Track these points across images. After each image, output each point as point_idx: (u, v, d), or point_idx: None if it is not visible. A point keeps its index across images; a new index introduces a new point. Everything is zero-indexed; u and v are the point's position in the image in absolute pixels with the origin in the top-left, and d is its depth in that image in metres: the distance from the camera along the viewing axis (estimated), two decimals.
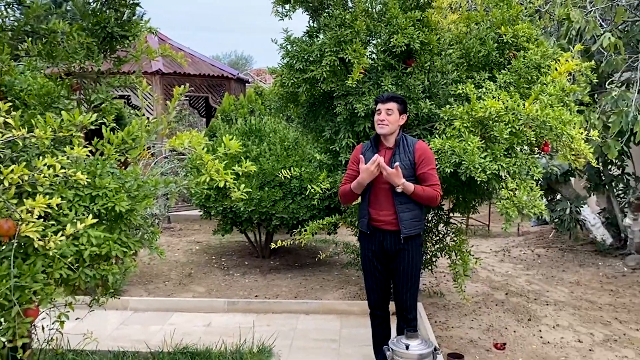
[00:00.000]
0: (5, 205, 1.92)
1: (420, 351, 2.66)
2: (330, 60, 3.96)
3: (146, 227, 2.48)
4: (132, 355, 3.67)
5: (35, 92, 2.31)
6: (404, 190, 3.25)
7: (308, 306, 4.89)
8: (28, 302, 2.01)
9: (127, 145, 2.30)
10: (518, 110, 3.55)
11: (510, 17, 4.24)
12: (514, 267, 6.86)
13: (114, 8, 2.29)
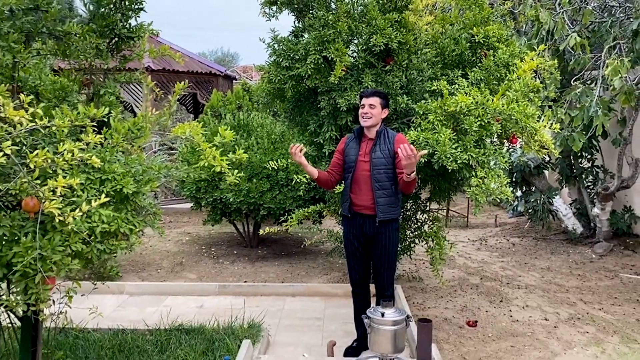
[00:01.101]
0: (30, 185, 2.20)
1: (395, 318, 2.98)
2: (315, 59, 4.25)
3: (149, 209, 2.76)
4: (131, 332, 3.95)
5: (51, 87, 2.58)
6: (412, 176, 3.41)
7: (294, 289, 5.20)
8: (49, 271, 2.29)
9: (133, 134, 2.59)
10: (487, 105, 3.88)
11: (482, 18, 4.57)
12: (489, 255, 7.23)
13: (121, 12, 2.57)
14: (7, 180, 2.27)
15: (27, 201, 2.19)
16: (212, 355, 3.55)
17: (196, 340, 3.76)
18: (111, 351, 3.67)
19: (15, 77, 2.59)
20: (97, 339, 3.82)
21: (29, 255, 2.22)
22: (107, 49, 2.60)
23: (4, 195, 2.26)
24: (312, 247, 7.20)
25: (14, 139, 2.14)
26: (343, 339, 4.01)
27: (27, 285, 2.30)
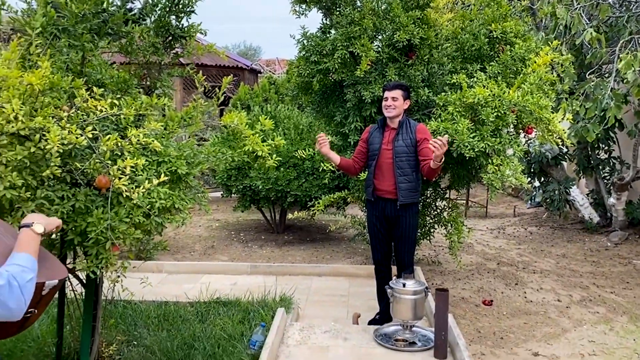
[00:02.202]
0: (102, 165, 2.57)
1: (415, 288, 3.31)
2: (342, 54, 4.58)
3: (198, 188, 3.12)
4: (174, 304, 4.34)
5: (115, 81, 2.94)
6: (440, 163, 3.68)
7: (321, 269, 5.56)
8: (117, 239, 2.66)
9: (186, 122, 2.94)
10: (503, 97, 4.16)
11: (501, 15, 4.84)
12: (507, 242, 7.49)
13: (175, 14, 2.92)
14: (81, 160, 2.65)
15: (100, 178, 2.56)
16: (248, 324, 3.92)
17: (233, 312, 4.14)
18: (157, 320, 4.06)
19: (83, 72, 2.96)
20: (143, 310, 4.22)
21: (101, 225, 2.59)
22: (163, 47, 2.96)
23: (79, 173, 2.64)
24: (335, 233, 7.55)
25: (90, 125, 2.51)
26: (366, 312, 4.35)
27: (98, 251, 2.68)
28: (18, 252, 1.44)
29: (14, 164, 2.27)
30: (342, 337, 3.66)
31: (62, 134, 2.29)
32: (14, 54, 2.34)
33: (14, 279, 1.33)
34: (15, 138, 2.41)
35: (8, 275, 1.32)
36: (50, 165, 2.33)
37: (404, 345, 3.44)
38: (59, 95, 2.63)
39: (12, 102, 2.19)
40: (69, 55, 2.83)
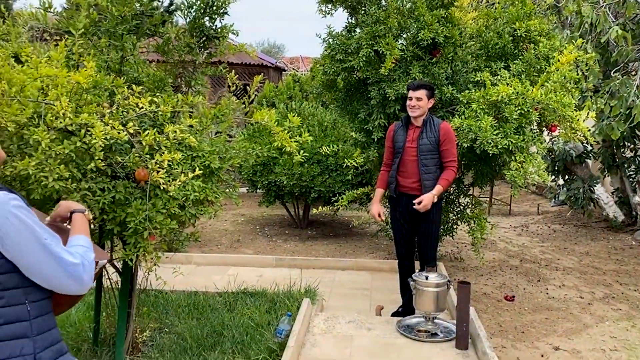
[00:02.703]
0: (141, 159, 2.73)
1: (437, 281, 3.41)
2: (366, 52, 4.68)
3: (229, 182, 3.27)
4: (203, 294, 4.50)
5: (152, 79, 3.10)
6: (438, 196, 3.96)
7: (344, 263, 5.68)
8: (154, 229, 2.82)
9: (219, 119, 3.08)
10: (526, 95, 4.22)
11: (525, 13, 4.88)
12: (530, 240, 7.51)
13: (209, 16, 3.06)
14: (121, 154, 2.81)
15: (139, 171, 2.71)
16: (274, 314, 4.05)
17: (260, 302, 4.28)
18: (187, 308, 4.23)
19: (122, 71, 3.12)
20: (174, 299, 4.39)
21: (139, 216, 2.75)
22: (197, 47, 3.10)
23: (119, 167, 2.79)
24: (358, 228, 7.65)
25: (130, 121, 2.66)
26: (389, 305, 4.45)
27: (136, 240, 2.84)
28: (78, 234, 1.59)
29: (61, 157, 2.43)
30: (366, 327, 3.77)
31: (105, 130, 2.45)
32: (61, 54, 2.50)
33: (83, 258, 1.49)
34: (62, 133, 2.58)
35: (80, 255, 1.49)
36: (95, 159, 2.49)
37: (426, 336, 3.54)
38: (101, 93, 2.79)
39: (61, 100, 2.34)
40: (110, 55, 3.00)
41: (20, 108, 2.37)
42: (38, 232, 1.44)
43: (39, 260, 1.43)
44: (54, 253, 1.44)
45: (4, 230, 1.40)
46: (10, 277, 1.44)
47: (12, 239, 1.40)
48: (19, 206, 1.44)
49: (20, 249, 1.41)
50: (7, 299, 1.43)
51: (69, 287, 1.47)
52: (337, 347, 3.49)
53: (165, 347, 3.59)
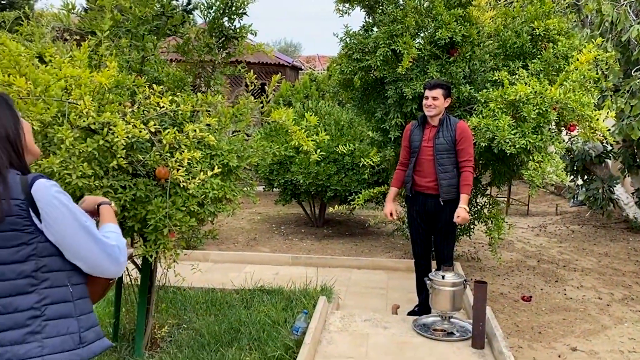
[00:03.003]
0: (161, 157, 2.77)
1: (454, 280, 3.41)
2: (384, 51, 4.68)
3: (247, 181, 3.31)
4: (220, 291, 4.55)
5: (171, 79, 3.15)
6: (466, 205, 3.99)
7: (360, 262, 5.70)
8: (174, 226, 2.86)
9: (237, 118, 3.12)
10: (544, 94, 4.20)
11: (543, 12, 4.85)
12: (548, 240, 7.44)
13: (228, 16, 3.10)
14: (141, 152, 2.86)
15: (160, 169, 2.76)
16: (290, 312, 4.08)
17: (276, 299, 4.32)
18: (205, 305, 4.28)
19: (143, 70, 3.18)
20: (191, 295, 4.45)
21: (160, 213, 2.80)
22: (216, 47, 3.14)
23: (140, 165, 2.85)
24: (374, 228, 7.65)
25: (151, 120, 2.71)
26: (405, 304, 4.46)
27: (157, 236, 2.89)
28: (107, 223, 1.69)
29: (84, 155, 2.49)
30: (382, 325, 3.79)
31: (127, 128, 2.50)
32: (84, 54, 2.55)
33: (118, 241, 1.61)
34: (85, 132, 2.63)
35: (115, 239, 1.60)
36: (117, 157, 2.54)
37: (442, 335, 3.54)
38: (122, 92, 2.85)
39: (84, 99, 2.40)
40: (131, 55, 3.05)
41: (45, 107, 2.43)
42: (79, 216, 1.54)
43: (80, 242, 1.53)
44: (94, 235, 1.55)
45: (50, 214, 1.49)
46: (54, 260, 1.53)
47: (58, 222, 1.50)
48: (60, 191, 1.54)
49: (65, 232, 1.51)
50: (52, 281, 1.53)
51: (107, 268, 1.58)
52: (353, 345, 3.51)
53: (183, 342, 3.64)
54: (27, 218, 1.49)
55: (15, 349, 1.47)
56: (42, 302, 1.51)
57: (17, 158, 1.56)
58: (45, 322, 1.50)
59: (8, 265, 1.47)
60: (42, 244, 1.51)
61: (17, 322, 1.48)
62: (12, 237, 1.47)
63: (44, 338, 1.50)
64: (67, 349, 1.53)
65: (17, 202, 1.48)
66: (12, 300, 1.48)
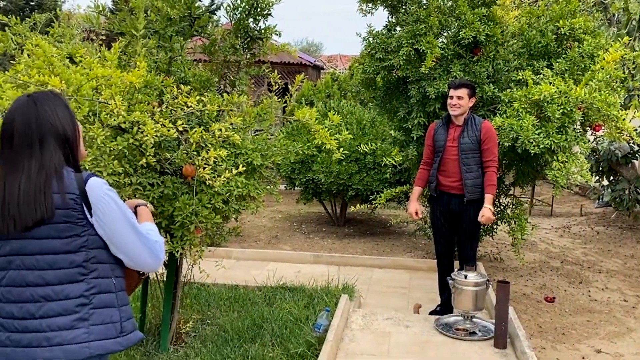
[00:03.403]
0: (188, 156, 2.83)
1: (476, 280, 3.41)
2: (407, 51, 4.69)
3: (270, 179, 3.35)
4: (243, 288, 4.61)
5: (197, 79, 3.21)
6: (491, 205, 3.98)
7: (381, 261, 5.71)
8: (200, 223, 2.92)
9: (261, 117, 3.17)
10: (569, 94, 4.16)
11: (569, 11, 4.80)
12: (572, 241, 7.36)
13: (253, 17, 3.15)
14: (169, 151, 2.92)
15: (187, 167, 2.83)
16: (312, 309, 4.12)
17: (298, 297, 4.36)
18: (228, 301, 4.34)
19: (170, 71, 3.24)
20: (215, 292, 4.51)
21: (186, 210, 2.86)
22: (241, 48, 3.19)
23: (167, 163, 2.91)
24: (396, 227, 7.65)
25: (179, 119, 2.77)
26: (427, 304, 4.46)
27: (183, 233, 2.95)
28: (145, 222, 1.77)
29: (114, 153, 2.56)
30: (404, 324, 3.80)
31: (156, 127, 2.56)
32: (115, 55, 2.62)
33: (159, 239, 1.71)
34: (115, 130, 2.70)
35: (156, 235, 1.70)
36: (146, 155, 2.60)
37: (464, 334, 3.54)
38: (151, 92, 2.91)
39: (115, 99, 2.46)
40: (158, 56, 3.12)
41: (77, 106, 2.50)
42: (127, 212, 1.64)
43: (126, 236, 1.62)
44: (139, 231, 1.64)
45: (102, 209, 1.59)
46: (101, 252, 1.64)
47: (108, 217, 1.60)
48: (111, 189, 1.65)
49: (113, 226, 1.61)
50: (99, 272, 1.63)
51: (148, 262, 1.68)
52: (375, 342, 3.53)
53: (207, 338, 3.71)
54: (81, 212, 1.58)
55: (64, 334, 1.56)
56: (91, 290, 1.61)
57: (72, 157, 1.65)
58: (92, 309, 1.60)
59: (61, 254, 1.57)
60: (93, 236, 1.61)
61: (66, 309, 1.57)
62: (66, 228, 1.57)
63: (90, 325, 1.59)
64: (110, 336, 1.63)
65: (72, 197, 1.57)
66: (63, 287, 1.58)
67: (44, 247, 1.57)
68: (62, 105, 1.66)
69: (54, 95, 1.69)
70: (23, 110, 1.61)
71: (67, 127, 1.64)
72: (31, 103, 1.63)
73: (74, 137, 1.66)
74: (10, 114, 1.61)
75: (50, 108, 1.63)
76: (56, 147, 1.61)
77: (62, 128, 1.63)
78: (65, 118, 1.65)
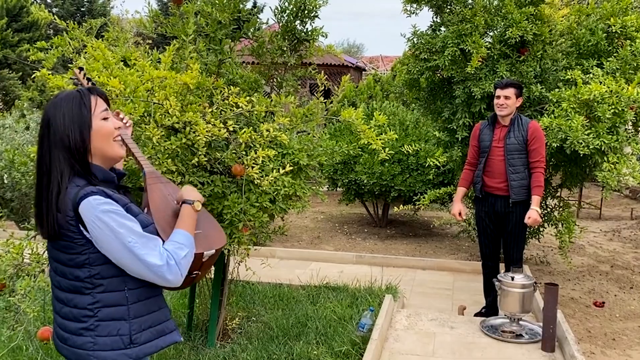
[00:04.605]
0: (237, 155, 2.91)
1: (523, 282, 3.36)
2: (452, 51, 4.66)
3: (316, 179, 3.40)
4: (287, 286, 4.68)
5: (245, 80, 3.29)
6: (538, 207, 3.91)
7: (425, 263, 5.68)
8: (248, 221, 2.99)
9: (307, 118, 3.22)
10: (621, 94, 4.06)
11: (621, 8, 4.67)
12: (622, 245, 7.13)
13: (301, 19, 3.21)
14: (218, 151, 3.00)
15: (236, 167, 2.90)
16: (356, 309, 4.14)
17: (341, 296, 4.39)
18: (272, 299, 4.41)
19: (219, 73, 3.33)
20: (260, 290, 4.60)
21: (235, 209, 2.93)
22: (288, 49, 3.25)
23: (216, 162, 2.99)
24: (439, 229, 7.60)
25: (230, 120, 2.85)
26: (472, 306, 4.42)
27: (232, 231, 3.03)
28: (178, 229, 1.68)
29: (168, 152, 2.65)
30: (449, 325, 3.78)
31: (208, 127, 2.64)
32: (169, 57, 2.72)
33: (171, 257, 1.59)
34: (168, 130, 2.80)
35: (167, 256, 1.59)
36: (197, 154, 2.69)
37: (511, 336, 3.50)
38: (201, 94, 3.00)
39: (170, 100, 2.56)
40: (208, 58, 3.21)
41: (133, 107, 2.61)
42: (122, 235, 1.53)
43: (125, 260, 1.56)
44: (138, 255, 1.54)
45: (93, 232, 1.54)
46: (107, 267, 1.59)
47: (101, 241, 1.54)
48: (107, 211, 1.53)
49: (109, 249, 1.55)
50: (106, 286, 1.59)
51: (157, 282, 1.61)
52: (420, 343, 3.53)
53: (253, 334, 3.78)
54: (77, 232, 1.55)
55: (74, 339, 1.61)
56: (95, 305, 1.59)
57: (81, 166, 1.58)
58: (97, 322, 1.60)
59: (67, 267, 1.60)
60: (94, 254, 1.57)
61: (75, 317, 1.61)
62: (67, 246, 1.57)
63: (96, 335, 1.60)
64: (116, 348, 1.61)
65: (67, 218, 1.54)
66: (73, 297, 1.60)
67: (58, 257, 1.61)
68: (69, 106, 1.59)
69: (67, 96, 1.61)
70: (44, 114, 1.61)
71: (70, 135, 1.57)
72: (50, 106, 1.60)
73: (79, 145, 1.58)
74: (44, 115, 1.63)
75: (60, 113, 1.58)
76: (65, 158, 1.57)
77: (60, 136, 1.57)
78: (70, 122, 1.58)
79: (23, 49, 12.83)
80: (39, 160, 1.60)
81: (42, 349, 3.36)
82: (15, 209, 6.74)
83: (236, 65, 3.45)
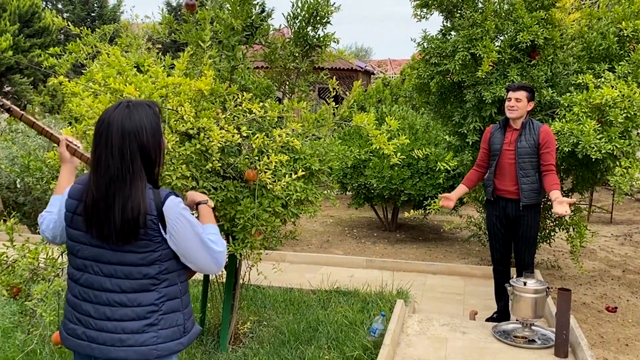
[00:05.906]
0: (250, 160, 2.93)
1: (536, 287, 3.36)
2: (462, 55, 4.67)
3: (327, 184, 3.41)
4: (298, 291, 4.69)
5: (258, 86, 3.31)
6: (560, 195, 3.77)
7: (435, 267, 5.68)
8: (260, 226, 3.01)
9: (319, 123, 3.24)
10: (633, 98, 4.04)
11: (632, 12, 4.66)
12: (634, 250, 7.08)
13: (313, 25, 3.22)
14: (231, 156, 3.02)
15: (249, 172, 2.92)
16: (367, 313, 4.15)
17: (352, 301, 4.39)
18: (283, 304, 4.43)
19: (232, 79, 3.35)
20: (271, 294, 4.61)
21: (248, 213, 2.95)
22: (300, 55, 3.27)
23: (229, 168, 3.01)
24: (449, 233, 7.58)
25: (243, 125, 2.87)
26: (483, 311, 4.41)
27: (244, 235, 3.04)
28: (207, 223, 1.85)
29: (183, 157, 2.68)
30: (460, 330, 3.77)
31: (222, 133, 2.66)
32: (183, 64, 2.74)
33: (222, 245, 1.78)
34: (182, 136, 2.83)
35: (222, 243, 1.78)
36: (211, 160, 2.71)
37: (523, 342, 3.49)
38: (214, 100, 3.03)
39: (185, 106, 2.58)
40: (221, 64, 3.24)
41: None
42: (197, 228, 1.73)
43: (197, 250, 1.72)
44: (207, 244, 1.73)
45: (176, 228, 1.69)
46: (172, 262, 1.74)
47: (181, 235, 1.70)
48: (185, 207, 1.73)
49: (186, 242, 1.71)
50: (169, 281, 1.74)
51: (212, 269, 1.78)
52: (432, 348, 3.53)
53: (264, 339, 3.79)
54: (157, 230, 1.68)
55: (136, 337, 1.69)
56: (161, 299, 1.72)
57: (152, 174, 1.73)
58: (161, 316, 1.72)
59: (136, 267, 1.69)
60: (165, 250, 1.71)
61: (138, 315, 1.70)
62: (144, 245, 1.68)
63: (159, 329, 1.71)
64: (175, 338, 1.75)
65: (151, 218, 1.66)
66: (137, 296, 1.70)
67: (123, 259, 1.69)
68: (150, 118, 1.70)
69: (148, 105, 1.73)
70: (117, 117, 1.66)
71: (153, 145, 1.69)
72: (127, 111, 1.68)
73: (157, 153, 1.71)
74: (106, 117, 1.67)
75: (140, 119, 1.67)
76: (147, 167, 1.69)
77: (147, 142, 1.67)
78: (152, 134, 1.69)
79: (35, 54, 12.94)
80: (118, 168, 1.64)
81: (57, 353, 3.38)
82: (28, 212, 6.81)
83: (248, 71, 3.48)
